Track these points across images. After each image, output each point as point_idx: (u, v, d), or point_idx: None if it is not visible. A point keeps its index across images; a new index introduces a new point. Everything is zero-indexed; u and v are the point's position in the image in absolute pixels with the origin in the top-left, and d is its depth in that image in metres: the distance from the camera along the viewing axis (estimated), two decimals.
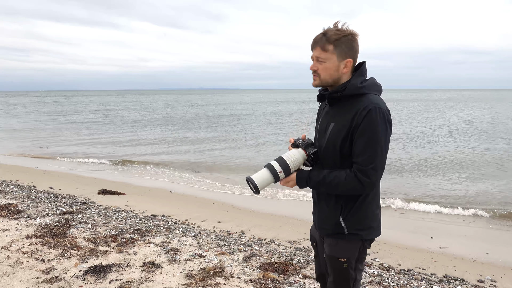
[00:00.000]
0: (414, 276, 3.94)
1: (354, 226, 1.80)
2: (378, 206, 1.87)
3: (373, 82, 1.79)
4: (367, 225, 1.82)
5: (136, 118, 32.75)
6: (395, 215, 7.07)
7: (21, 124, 27.14)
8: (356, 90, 1.73)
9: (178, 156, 13.81)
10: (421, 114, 34.63)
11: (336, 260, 1.84)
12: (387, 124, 1.69)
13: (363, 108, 1.67)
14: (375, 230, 1.85)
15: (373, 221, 1.83)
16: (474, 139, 17.39)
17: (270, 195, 8.35)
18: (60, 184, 8.19)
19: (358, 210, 1.79)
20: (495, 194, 8.53)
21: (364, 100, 1.71)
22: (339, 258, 1.83)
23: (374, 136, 1.66)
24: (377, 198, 1.86)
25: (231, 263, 3.89)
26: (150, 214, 5.99)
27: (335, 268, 1.85)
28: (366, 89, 1.74)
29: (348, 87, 1.74)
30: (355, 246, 1.82)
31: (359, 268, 1.86)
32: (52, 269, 3.52)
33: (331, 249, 1.87)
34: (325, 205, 1.87)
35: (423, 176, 10.33)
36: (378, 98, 1.75)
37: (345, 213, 1.80)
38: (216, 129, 23.08)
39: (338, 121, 1.77)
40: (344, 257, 1.82)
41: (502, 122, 26.40)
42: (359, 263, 1.86)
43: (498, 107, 45.86)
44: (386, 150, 1.71)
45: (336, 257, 1.84)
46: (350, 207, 1.79)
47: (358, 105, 1.71)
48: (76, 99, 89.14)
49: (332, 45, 1.72)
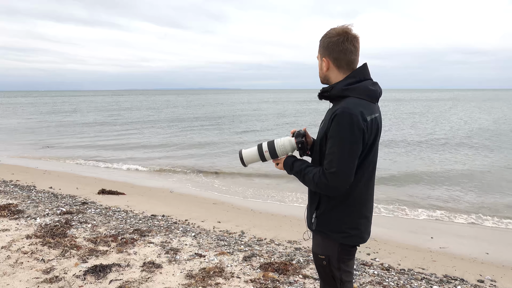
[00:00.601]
0: (414, 276, 3.94)
1: (323, 225, 1.83)
2: (362, 215, 1.83)
3: (363, 85, 1.75)
4: (340, 229, 1.80)
5: (156, 118, 32.61)
6: (395, 215, 7.07)
7: (21, 124, 27.16)
8: (339, 92, 1.76)
9: (188, 158, 13.79)
10: (423, 114, 34.65)
11: (316, 256, 1.90)
12: (354, 128, 1.63)
13: (334, 111, 1.70)
14: (353, 236, 1.82)
15: (350, 227, 1.81)
16: (478, 142, 17.39)
17: (279, 200, 8.36)
18: (60, 184, 8.19)
19: (332, 211, 1.81)
20: (496, 194, 8.52)
21: (340, 103, 1.72)
22: (319, 255, 1.88)
23: (338, 140, 1.65)
24: (360, 207, 1.82)
25: (231, 263, 3.90)
26: (150, 214, 6.00)
27: (316, 264, 1.92)
28: (349, 92, 1.73)
29: (334, 88, 1.78)
30: (332, 246, 1.83)
31: (343, 269, 1.85)
32: (52, 269, 3.52)
33: (312, 245, 1.95)
34: (309, 200, 1.95)
35: (423, 176, 10.32)
36: (355, 101, 1.69)
37: (319, 210, 1.84)
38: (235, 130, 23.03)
39: (324, 120, 1.84)
40: (323, 254, 1.85)
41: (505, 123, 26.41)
42: (343, 264, 1.85)
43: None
44: (351, 154, 1.65)
45: (316, 253, 1.90)
46: (325, 206, 1.82)
47: (338, 105, 1.74)
48: (83, 99, 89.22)
49: (319, 47, 1.85)
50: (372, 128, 1.71)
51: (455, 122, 25.87)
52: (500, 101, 64.48)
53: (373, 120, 1.72)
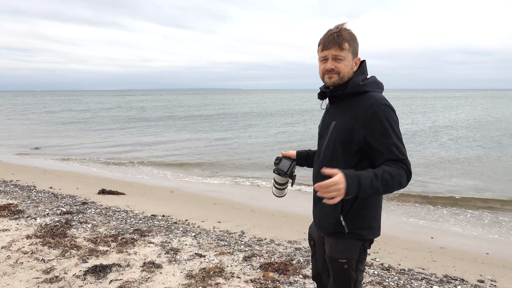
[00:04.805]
0: (414, 276, 3.94)
1: (354, 225, 1.77)
2: (379, 205, 1.84)
3: (373, 80, 1.80)
4: (368, 225, 1.79)
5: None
6: (396, 215, 7.06)
7: (21, 124, 27.17)
8: (358, 88, 1.74)
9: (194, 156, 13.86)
10: (421, 111, 34.65)
11: (336, 261, 1.81)
12: (395, 116, 1.70)
13: (369, 106, 1.67)
14: (375, 230, 1.83)
15: (374, 220, 1.81)
16: (475, 138, 17.39)
17: (279, 200, 8.35)
18: (60, 184, 8.18)
19: (359, 208, 1.76)
20: (495, 194, 8.52)
21: (368, 98, 1.71)
22: (340, 259, 1.80)
23: (393, 132, 1.65)
24: (379, 197, 1.83)
25: (231, 263, 3.89)
26: (150, 214, 6.00)
27: (335, 269, 1.83)
28: (367, 87, 1.75)
29: (349, 85, 1.75)
30: (355, 247, 1.79)
31: (360, 269, 1.83)
32: (52, 269, 3.52)
33: (331, 250, 1.84)
34: (325, 204, 1.77)
35: (424, 175, 10.32)
36: (380, 94, 1.76)
37: (345, 211, 1.77)
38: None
39: (340, 119, 1.78)
40: (345, 258, 1.79)
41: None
42: (360, 264, 1.83)
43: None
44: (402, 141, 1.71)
45: (336, 258, 1.81)
46: (350, 205, 1.76)
47: (361, 103, 1.71)
48: (90, 99, 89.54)
49: (348, 44, 1.74)
50: None
51: (455, 120, 25.90)
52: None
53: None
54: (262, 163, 12.40)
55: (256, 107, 50.00)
